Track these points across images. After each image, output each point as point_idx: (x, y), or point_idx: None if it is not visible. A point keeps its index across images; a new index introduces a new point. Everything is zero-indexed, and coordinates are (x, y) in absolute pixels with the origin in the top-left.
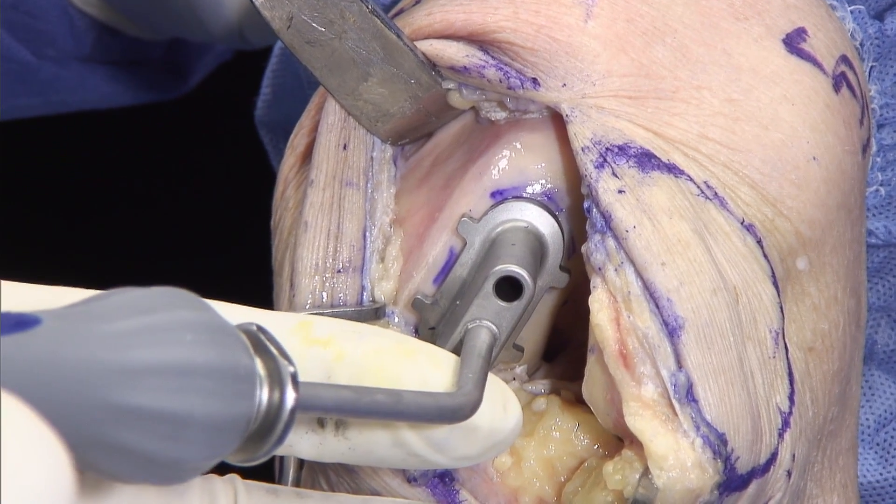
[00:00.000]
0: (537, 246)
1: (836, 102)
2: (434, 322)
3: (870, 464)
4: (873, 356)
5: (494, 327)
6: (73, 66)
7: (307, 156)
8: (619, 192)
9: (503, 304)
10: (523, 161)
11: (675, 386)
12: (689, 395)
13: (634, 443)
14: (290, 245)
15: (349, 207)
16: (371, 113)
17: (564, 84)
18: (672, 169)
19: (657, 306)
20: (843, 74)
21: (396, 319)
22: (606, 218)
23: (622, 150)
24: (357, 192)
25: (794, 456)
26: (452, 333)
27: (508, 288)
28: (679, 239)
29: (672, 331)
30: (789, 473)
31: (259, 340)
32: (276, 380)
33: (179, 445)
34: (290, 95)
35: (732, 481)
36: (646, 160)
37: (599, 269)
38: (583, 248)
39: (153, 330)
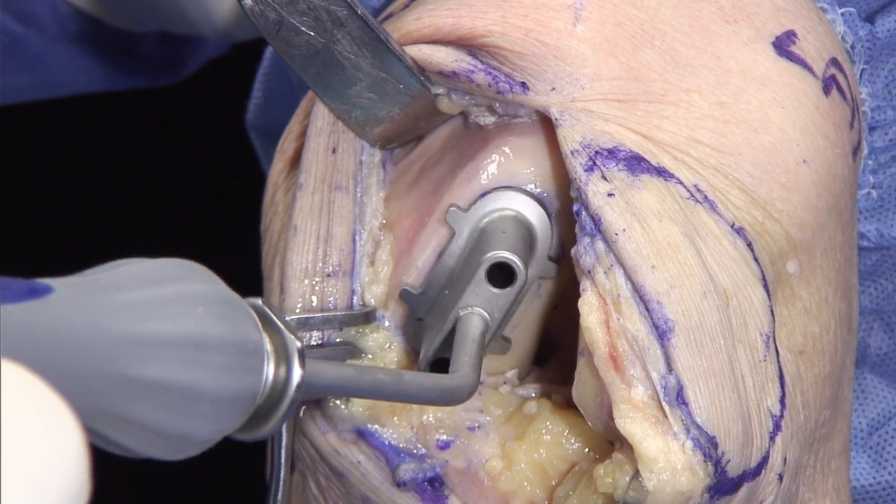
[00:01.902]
0: (527, 234)
1: (825, 105)
2: (422, 313)
3: (863, 467)
4: (866, 359)
5: (486, 314)
6: (64, 44)
7: (296, 160)
8: (609, 195)
9: (496, 290)
10: (512, 165)
11: (665, 388)
12: (680, 398)
13: (625, 445)
14: (279, 249)
15: (338, 211)
16: (360, 117)
17: (553, 88)
18: (662, 172)
19: (647, 309)
20: (833, 77)
21: (387, 323)
22: (596, 221)
23: (612, 153)
24: (346, 195)
25: (785, 459)
26: (443, 322)
27: (500, 275)
28: (669, 242)
29: (662, 334)
30: (780, 477)
31: (266, 315)
32: (282, 356)
33: (188, 419)
34: (281, 99)
35: (723, 484)
36: (635, 163)
37: (589, 271)
38: (572, 251)
39: (165, 301)
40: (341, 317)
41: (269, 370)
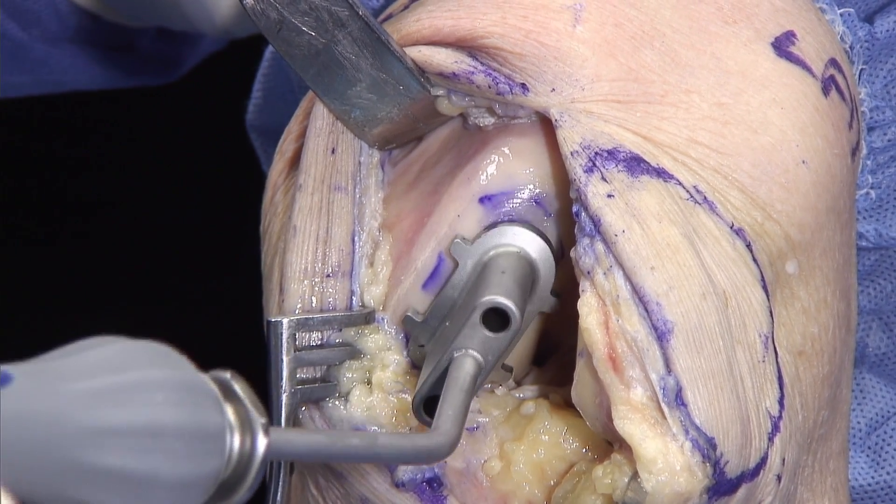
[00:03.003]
0: (528, 272)
1: (825, 106)
2: (424, 340)
3: (861, 467)
4: (864, 359)
5: (480, 357)
6: (64, 46)
7: (296, 161)
8: (609, 196)
9: (490, 334)
10: (512, 166)
11: (664, 390)
12: (679, 399)
13: (624, 446)
14: (279, 250)
15: (338, 212)
16: (359, 118)
17: (553, 89)
18: (661, 173)
19: (646, 310)
20: (832, 78)
21: (386, 324)
22: (595, 222)
23: (611, 154)
24: (345, 196)
25: (784, 460)
26: (440, 356)
27: (496, 318)
28: (668, 243)
29: (661, 335)
30: (779, 478)
31: (230, 389)
32: (247, 427)
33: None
34: (280, 99)
35: (721, 485)
36: (635, 164)
37: (588, 272)
38: (571, 253)
39: (124, 390)
40: (340, 317)
41: (235, 443)
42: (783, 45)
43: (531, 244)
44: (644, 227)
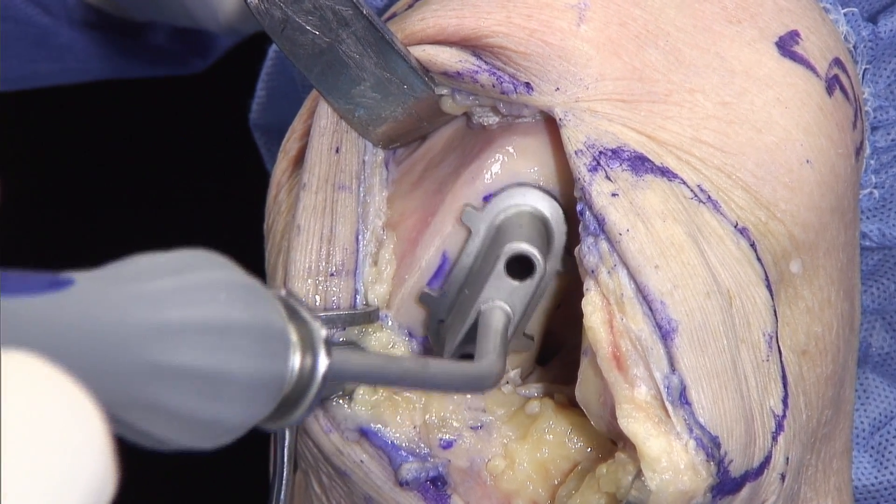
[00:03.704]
0: (543, 229)
1: (829, 105)
2: (443, 314)
3: (864, 467)
4: (868, 359)
5: (508, 307)
6: (87, 31)
7: (299, 160)
8: (613, 195)
9: (515, 283)
10: (516, 165)
11: (668, 388)
12: (683, 398)
13: (628, 445)
14: (282, 249)
15: (342, 211)
16: (363, 117)
17: (558, 88)
18: (665, 172)
19: (650, 309)
20: (836, 77)
21: (390, 323)
22: (600, 221)
23: (616, 153)
24: (349, 195)
25: (787, 459)
26: (461, 319)
27: (519, 268)
28: (673, 242)
29: (665, 333)
30: (783, 477)
31: (290, 305)
32: (308, 345)
33: (218, 405)
34: (284, 98)
35: (725, 484)
36: (639, 163)
37: (592, 271)
38: (576, 251)
39: (188, 289)
40: (345, 316)
41: (296, 359)
42: (787, 45)
43: (541, 202)
44: (648, 225)
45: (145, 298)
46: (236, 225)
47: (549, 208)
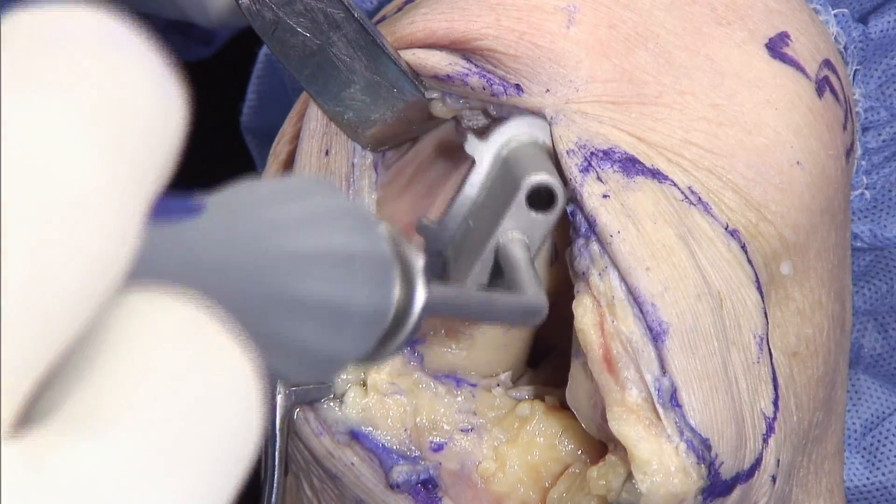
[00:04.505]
0: (552, 160)
1: (819, 107)
2: (442, 246)
3: (856, 468)
4: (860, 360)
5: (527, 239)
6: None
7: (289, 163)
8: (604, 196)
9: (536, 215)
10: None
11: (659, 391)
12: (674, 400)
13: (618, 448)
14: None
15: None
16: (352, 119)
17: (548, 90)
18: (656, 174)
19: (641, 311)
20: (826, 79)
21: None
22: (591, 222)
23: (607, 154)
24: None
25: (778, 461)
26: (473, 252)
27: (539, 200)
28: (663, 244)
29: (656, 336)
30: (774, 479)
31: (393, 236)
32: (407, 276)
33: (339, 336)
34: (275, 102)
35: (716, 486)
36: (630, 165)
37: (583, 273)
38: (566, 253)
39: (315, 216)
40: None
41: (397, 291)
42: (777, 47)
43: (546, 133)
44: (639, 227)
45: (277, 224)
46: None
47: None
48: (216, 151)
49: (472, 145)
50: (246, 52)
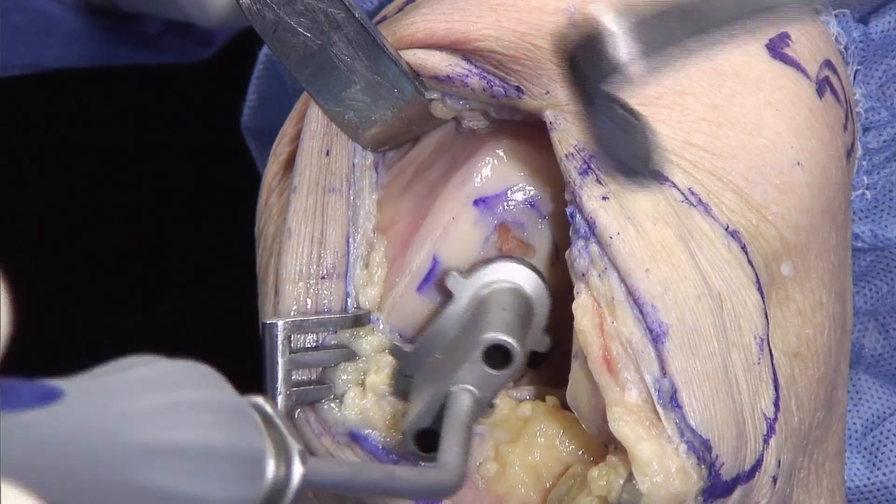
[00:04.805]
0: (525, 310)
1: (819, 107)
2: (411, 371)
3: (857, 468)
4: (860, 360)
5: (478, 393)
6: (91, 19)
7: (290, 163)
8: (604, 198)
9: (491, 371)
10: (506, 169)
11: (659, 392)
12: (674, 401)
13: (619, 448)
14: (274, 252)
15: (332, 214)
16: (353, 119)
17: (548, 91)
18: (656, 176)
19: (641, 312)
20: (826, 79)
21: (381, 326)
22: (590, 224)
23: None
24: (340, 198)
25: (779, 462)
26: (434, 389)
27: (497, 355)
28: (663, 245)
29: (656, 337)
30: (775, 479)
31: (267, 414)
32: (282, 454)
33: None
34: (275, 102)
35: (717, 487)
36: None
37: (583, 274)
38: (566, 254)
39: (176, 409)
40: (336, 319)
41: (271, 469)
42: (777, 47)
43: (528, 281)
44: (639, 229)
45: (133, 416)
46: (227, 229)
47: (534, 288)
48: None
49: (454, 281)
50: (246, 52)
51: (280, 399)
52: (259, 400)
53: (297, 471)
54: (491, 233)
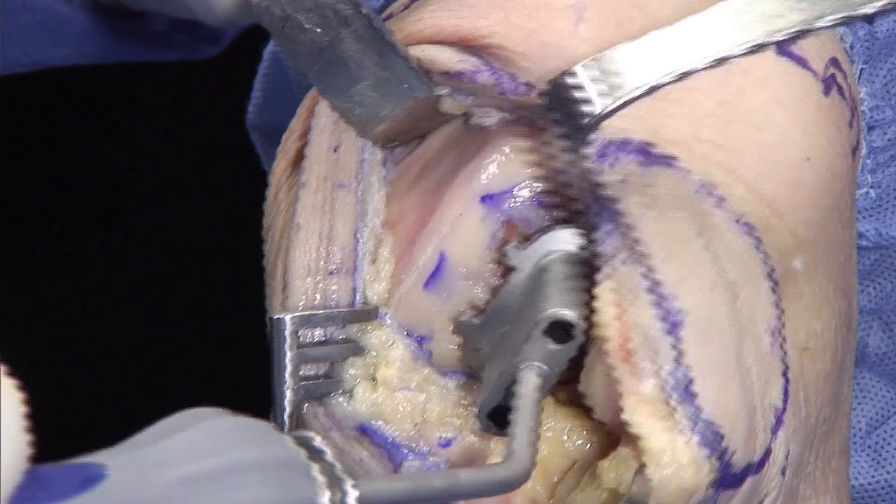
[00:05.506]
0: (585, 274)
1: (826, 105)
2: (483, 342)
3: (862, 466)
4: (865, 359)
5: (546, 369)
6: (100, 17)
7: (298, 159)
8: (622, 184)
9: (555, 346)
10: (514, 165)
11: (674, 382)
12: (688, 391)
13: (630, 440)
14: (282, 247)
15: (341, 209)
16: (362, 115)
17: None
18: (671, 163)
19: (659, 301)
20: (832, 77)
21: (389, 321)
22: (610, 210)
23: (622, 145)
24: (348, 193)
25: (787, 454)
26: (503, 365)
27: (560, 329)
28: (680, 234)
29: (673, 325)
30: (783, 471)
31: (313, 446)
32: (335, 483)
33: None
34: (281, 99)
35: (727, 478)
36: (646, 155)
37: (604, 262)
38: (590, 241)
39: (219, 475)
40: (344, 314)
41: (326, 501)
42: (784, 44)
43: (585, 244)
44: (658, 216)
45: (177, 487)
46: (234, 225)
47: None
48: (221, 149)
49: (514, 253)
50: (252, 50)
51: (288, 393)
52: (306, 434)
53: (352, 494)
54: (498, 229)
